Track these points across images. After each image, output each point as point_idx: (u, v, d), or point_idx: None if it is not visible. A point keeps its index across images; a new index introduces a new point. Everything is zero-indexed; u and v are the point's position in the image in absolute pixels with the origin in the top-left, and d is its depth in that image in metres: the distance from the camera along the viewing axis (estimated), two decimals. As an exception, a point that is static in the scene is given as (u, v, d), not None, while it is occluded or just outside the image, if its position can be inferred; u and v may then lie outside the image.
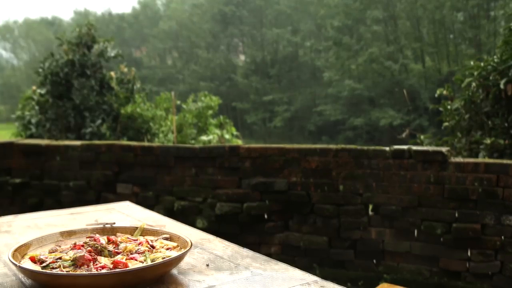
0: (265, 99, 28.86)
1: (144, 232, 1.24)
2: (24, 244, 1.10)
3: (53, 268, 0.97)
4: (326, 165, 3.47)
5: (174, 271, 1.07)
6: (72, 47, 6.76)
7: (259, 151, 3.61)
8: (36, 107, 6.62)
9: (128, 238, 1.18)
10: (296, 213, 3.55)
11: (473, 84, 4.12)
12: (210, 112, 7.89)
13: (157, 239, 1.17)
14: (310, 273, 1.09)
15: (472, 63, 4.42)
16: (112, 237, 1.17)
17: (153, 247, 1.10)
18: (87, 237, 1.15)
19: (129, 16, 44.07)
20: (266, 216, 3.57)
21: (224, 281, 1.02)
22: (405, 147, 3.35)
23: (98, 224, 1.30)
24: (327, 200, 3.48)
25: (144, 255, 1.04)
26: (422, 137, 4.68)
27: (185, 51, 36.80)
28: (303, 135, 26.46)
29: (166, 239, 1.17)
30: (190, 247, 1.07)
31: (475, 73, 4.08)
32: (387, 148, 3.37)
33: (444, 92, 4.67)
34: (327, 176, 3.47)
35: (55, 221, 1.53)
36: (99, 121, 6.35)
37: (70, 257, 1.00)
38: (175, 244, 1.13)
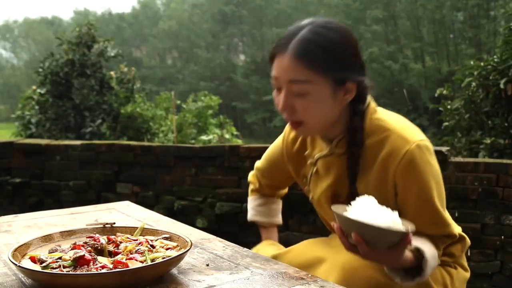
0: (265, 98, 28.82)
1: (144, 232, 1.24)
2: (24, 243, 1.11)
3: (53, 268, 0.97)
4: (326, 165, 3.46)
5: (174, 271, 1.07)
6: (72, 46, 6.76)
7: (259, 151, 3.61)
8: (36, 107, 6.62)
9: (128, 238, 1.18)
10: (296, 212, 3.55)
11: (473, 83, 4.12)
12: (210, 112, 7.90)
13: (157, 239, 1.17)
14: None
15: (472, 62, 4.42)
16: (112, 237, 1.17)
17: (153, 246, 1.11)
18: (87, 237, 1.15)
19: (129, 16, 44.08)
20: (266, 216, 3.58)
21: (224, 281, 1.02)
22: (405, 147, 3.34)
23: (98, 224, 1.30)
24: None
25: (144, 255, 1.04)
26: (422, 136, 4.67)
27: (185, 51, 36.80)
28: (303, 135, 26.37)
29: (166, 238, 1.17)
30: (190, 247, 1.07)
31: (475, 72, 4.08)
32: (387, 148, 3.37)
33: (444, 91, 4.67)
34: (327, 176, 3.47)
35: (55, 221, 1.53)
36: (99, 121, 6.35)
37: (70, 257, 1.00)
38: (175, 244, 1.13)
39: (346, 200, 1.27)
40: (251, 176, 1.75)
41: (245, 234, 3.58)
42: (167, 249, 1.10)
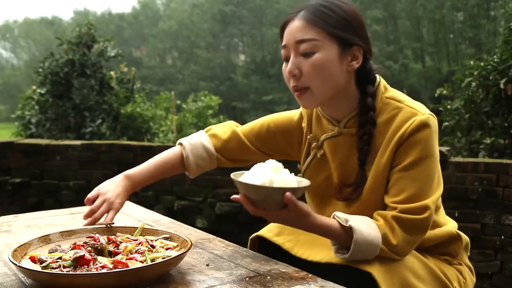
0: (265, 98, 28.84)
1: (144, 232, 1.24)
2: (24, 243, 1.11)
3: (53, 268, 0.97)
4: (326, 165, 3.46)
5: (174, 271, 1.07)
6: (72, 46, 6.74)
7: (259, 151, 3.61)
8: (36, 107, 6.61)
9: (128, 238, 1.18)
10: (296, 212, 3.55)
11: (473, 83, 4.12)
12: (210, 112, 7.89)
13: (157, 239, 1.17)
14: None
15: (472, 62, 4.41)
16: (112, 237, 1.17)
17: (153, 246, 1.11)
18: (87, 237, 1.16)
19: (129, 16, 44.06)
20: (266, 216, 3.58)
21: (224, 281, 1.02)
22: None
23: (98, 224, 1.30)
24: (327, 199, 3.48)
25: (144, 255, 1.04)
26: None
27: (185, 51, 36.78)
28: (303, 135, 26.37)
29: (166, 238, 1.17)
30: (190, 247, 1.07)
31: (475, 72, 4.08)
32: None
33: (444, 91, 4.66)
34: (327, 176, 3.47)
35: (55, 221, 1.53)
36: (99, 121, 6.34)
37: (70, 257, 1.00)
38: (175, 244, 1.13)
39: (353, 183, 1.26)
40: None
41: (245, 234, 3.58)
42: (167, 249, 1.10)
